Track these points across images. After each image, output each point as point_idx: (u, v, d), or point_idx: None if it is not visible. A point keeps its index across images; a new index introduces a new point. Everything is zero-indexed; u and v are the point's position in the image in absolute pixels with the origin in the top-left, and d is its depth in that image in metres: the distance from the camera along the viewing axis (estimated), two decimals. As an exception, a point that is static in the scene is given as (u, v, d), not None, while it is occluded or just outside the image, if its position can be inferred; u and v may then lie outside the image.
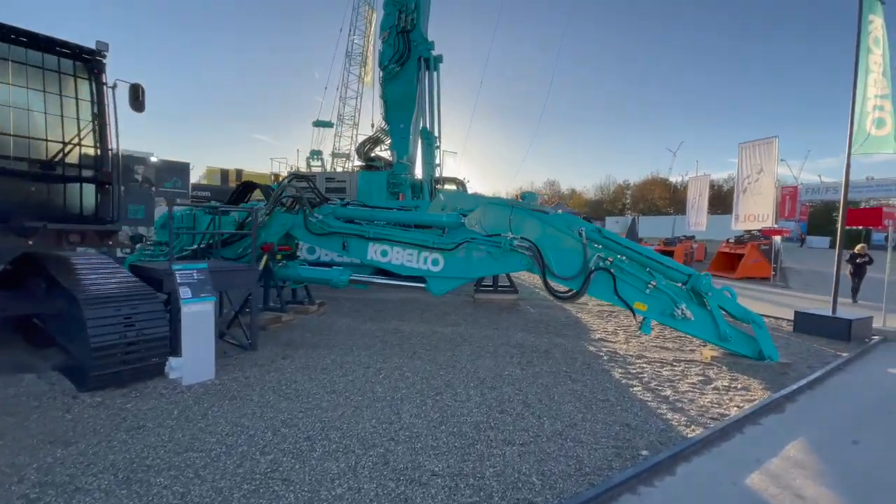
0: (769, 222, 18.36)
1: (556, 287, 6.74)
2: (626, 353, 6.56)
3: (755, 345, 6.23)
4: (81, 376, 4.49)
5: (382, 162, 16.70)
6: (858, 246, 12.20)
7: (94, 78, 4.97)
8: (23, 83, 4.71)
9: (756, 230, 19.60)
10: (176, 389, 4.66)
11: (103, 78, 4.99)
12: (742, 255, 18.84)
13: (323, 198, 8.25)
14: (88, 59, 4.93)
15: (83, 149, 4.80)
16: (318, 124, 33.58)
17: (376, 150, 17.81)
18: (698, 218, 28.37)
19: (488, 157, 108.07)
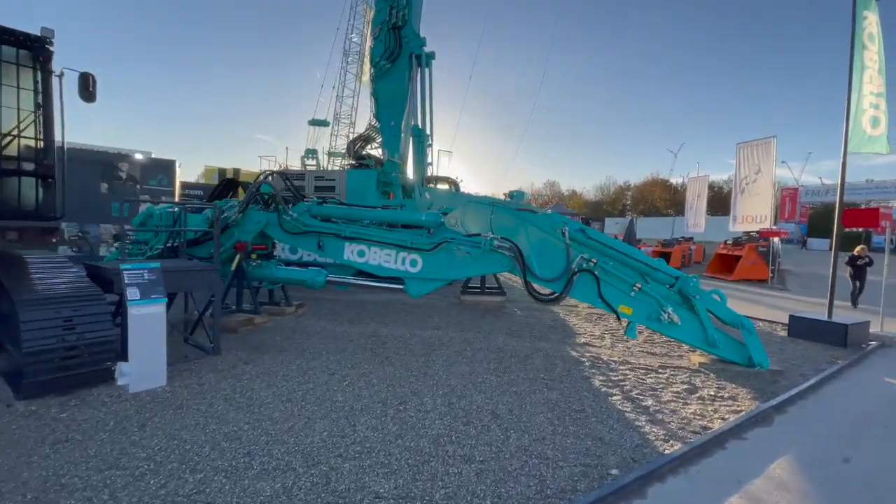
0: (767, 223, 18.05)
1: (539, 289, 6.45)
2: (610, 359, 6.25)
3: (745, 351, 5.91)
4: (18, 383, 4.19)
5: (373, 160, 16.40)
6: (858, 247, 11.84)
7: (40, 66, 4.67)
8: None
9: (754, 231, 19.29)
10: (121, 397, 4.36)
11: (49, 66, 4.69)
12: (740, 257, 18.53)
13: (299, 195, 7.95)
14: (33, 47, 4.64)
15: (25, 140, 4.50)
16: (314, 123, 33.32)
17: (367, 149, 17.51)
18: (697, 219, 28.06)
19: (486, 158, 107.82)
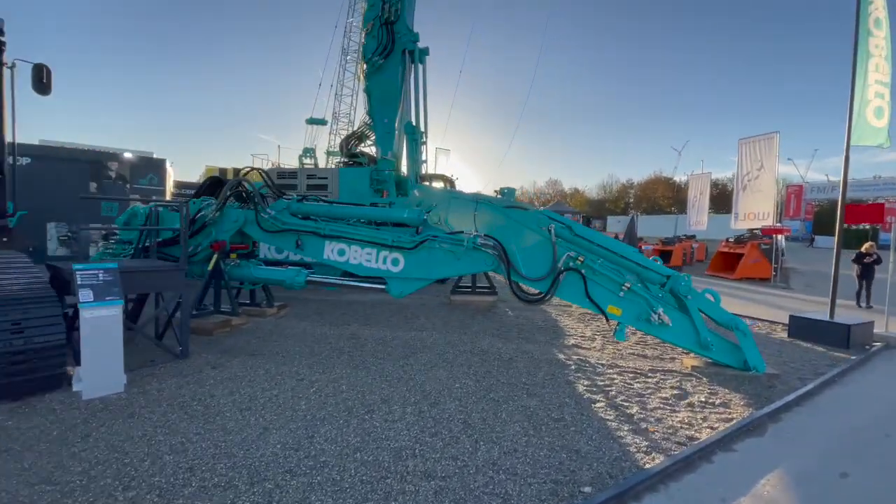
0: (770, 221, 17.64)
1: (527, 289, 6.18)
2: (598, 362, 5.96)
3: (740, 354, 5.61)
4: (-38, 390, 3.96)
5: (366, 158, 16.15)
6: (866, 244, 11.43)
7: (-10, 57, 4.44)
8: None
9: (757, 229, 18.89)
10: (73, 405, 4.12)
11: (1, 58, 4.46)
12: (742, 255, 18.15)
13: (279, 193, 7.69)
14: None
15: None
16: (312, 122, 33.14)
17: (361, 147, 17.27)
18: (699, 217, 27.63)
19: (486, 156, 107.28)
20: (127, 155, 14.50)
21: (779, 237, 18.95)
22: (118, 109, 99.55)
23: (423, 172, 16.10)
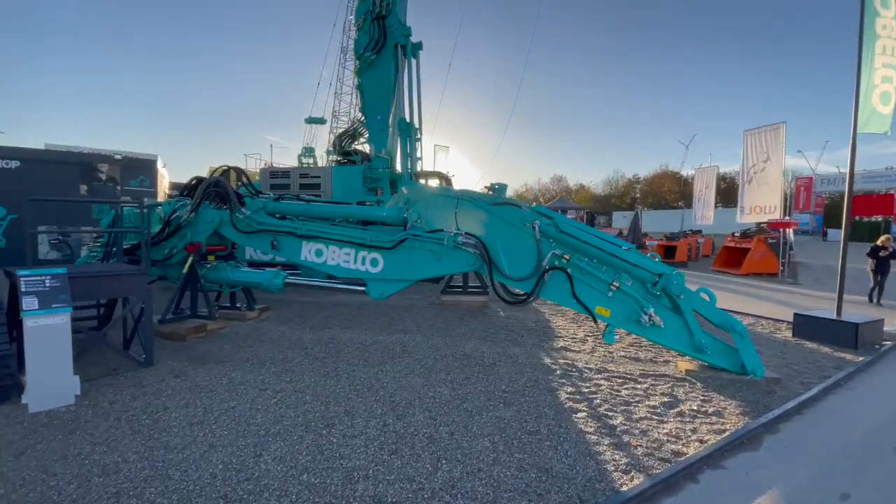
0: (777, 214, 17.09)
1: (513, 290, 5.85)
2: (586, 367, 5.63)
3: (737, 357, 5.24)
4: None
5: (360, 156, 15.88)
6: (882, 237, 10.89)
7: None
8: None
9: (763, 223, 18.36)
10: (17, 418, 3.88)
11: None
12: (748, 250, 17.65)
13: (255, 192, 7.42)
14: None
15: None
16: (311, 121, 32.89)
17: (355, 144, 17.00)
18: (705, 211, 27.06)
19: (489, 153, 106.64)
20: (117, 157, 14.31)
21: (787, 231, 18.41)
22: (121, 112, 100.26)
23: (419, 169, 15.80)
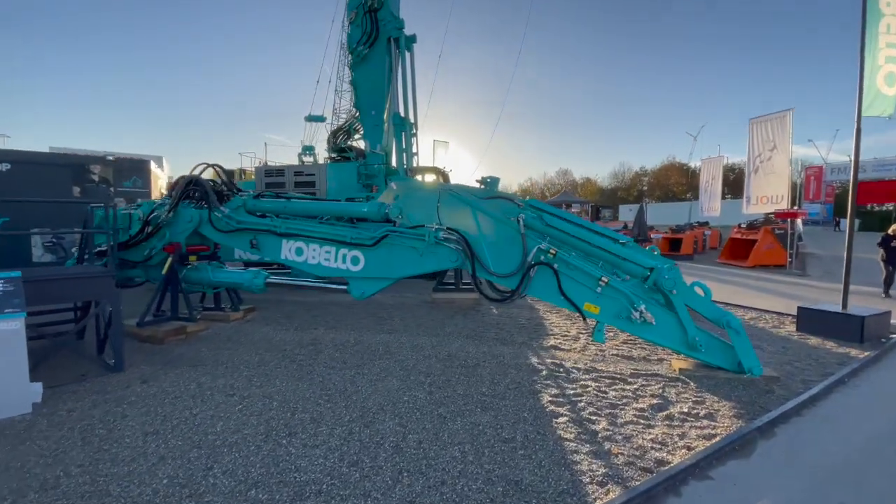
0: (784, 204, 16.60)
1: (501, 287, 5.60)
2: (574, 366, 5.36)
3: (734, 354, 4.95)
4: None
5: (355, 153, 15.65)
6: (893, 226, 10.47)
7: None
8: None
9: (771, 213, 17.87)
10: (-34, 431, 3.71)
11: None
12: (755, 241, 17.20)
13: (235, 189, 7.22)
14: None
15: None
16: (311, 119, 32.63)
17: (350, 141, 16.78)
18: (712, 203, 26.53)
19: (494, 148, 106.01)
20: (110, 158, 14.24)
21: (796, 221, 17.91)
22: (125, 114, 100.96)
23: (416, 165, 15.54)
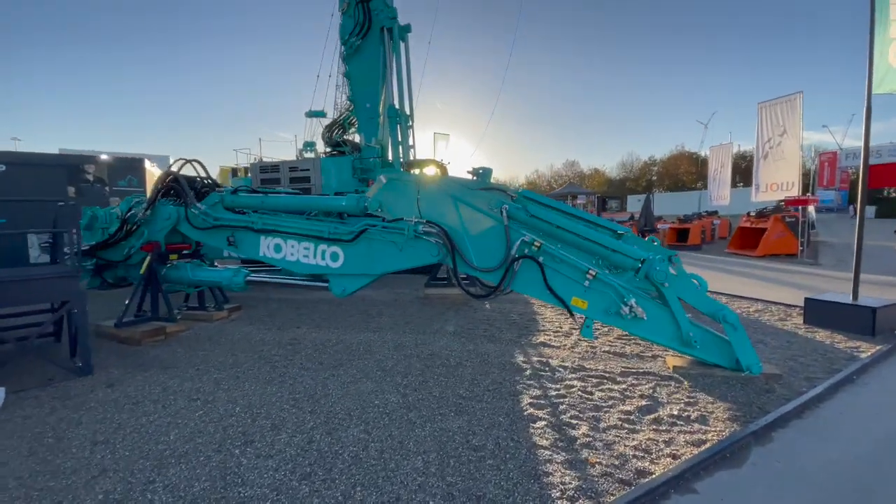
0: (795, 191, 16.03)
1: (484, 282, 5.34)
2: (561, 365, 5.07)
3: (731, 351, 4.62)
4: None
5: (350, 146, 15.39)
6: None
7: None
8: None
9: (781, 200, 17.28)
10: (-89, 441, 3.54)
11: None
12: (765, 230, 16.66)
13: (213, 185, 7.00)
14: None
15: None
16: (312, 114, 32.37)
17: (346, 135, 16.52)
18: (721, 191, 25.88)
19: (498, 141, 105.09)
20: (103, 157, 14.17)
21: (808, 208, 17.32)
22: (132, 114, 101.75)
23: (412, 158, 15.25)
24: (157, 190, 6.79)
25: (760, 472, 3.00)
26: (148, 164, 15.33)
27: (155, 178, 16.72)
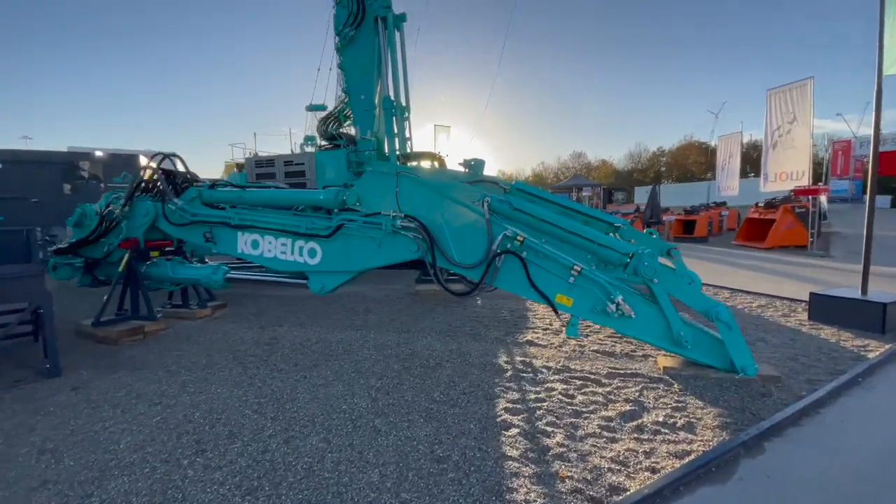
0: (805, 180, 15.51)
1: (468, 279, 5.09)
2: (546, 365, 4.82)
3: (725, 351, 4.34)
4: None
5: (346, 139, 15.14)
6: None
7: None
8: None
9: (791, 190, 16.74)
10: None
11: None
12: (773, 221, 16.18)
13: (192, 180, 6.80)
14: None
15: None
16: (312, 108, 32.19)
17: (342, 128, 16.27)
18: (729, 181, 25.33)
19: (506, 134, 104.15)
20: (98, 153, 14.10)
21: (819, 198, 16.78)
22: (140, 111, 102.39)
23: (409, 150, 14.97)
24: (134, 185, 6.62)
25: (748, 489, 2.73)
26: (144, 161, 15.24)
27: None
